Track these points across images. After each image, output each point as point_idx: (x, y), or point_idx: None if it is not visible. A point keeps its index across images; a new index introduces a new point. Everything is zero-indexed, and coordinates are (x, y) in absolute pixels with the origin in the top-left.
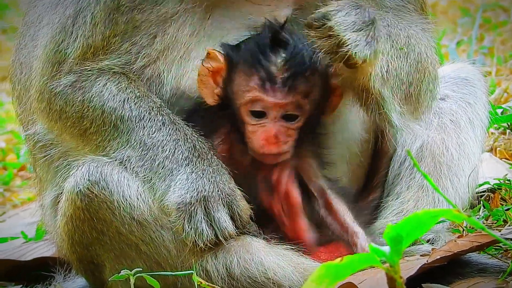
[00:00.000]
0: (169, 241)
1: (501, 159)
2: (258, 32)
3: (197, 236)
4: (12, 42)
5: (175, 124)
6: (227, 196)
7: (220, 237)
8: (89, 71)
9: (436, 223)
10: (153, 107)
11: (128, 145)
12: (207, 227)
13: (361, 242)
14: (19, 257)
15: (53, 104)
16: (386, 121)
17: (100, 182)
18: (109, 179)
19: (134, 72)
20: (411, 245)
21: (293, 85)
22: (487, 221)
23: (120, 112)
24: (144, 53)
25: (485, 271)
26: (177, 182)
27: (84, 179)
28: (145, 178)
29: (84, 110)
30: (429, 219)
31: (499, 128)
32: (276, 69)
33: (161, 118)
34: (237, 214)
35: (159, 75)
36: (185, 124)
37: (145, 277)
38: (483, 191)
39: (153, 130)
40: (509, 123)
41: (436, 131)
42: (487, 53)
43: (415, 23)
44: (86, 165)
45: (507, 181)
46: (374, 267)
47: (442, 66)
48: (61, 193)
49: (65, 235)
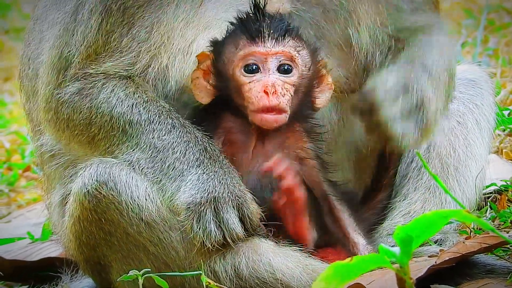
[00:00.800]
0: (177, 242)
1: (507, 160)
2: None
3: (205, 236)
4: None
5: (185, 127)
6: (237, 198)
7: (228, 239)
8: (94, 76)
9: (445, 224)
10: (162, 111)
11: (137, 148)
12: (215, 228)
13: (361, 253)
14: (25, 257)
15: (60, 113)
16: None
17: (108, 182)
18: (117, 180)
19: (139, 74)
20: (420, 246)
21: (282, 37)
22: (494, 222)
23: (129, 116)
24: (144, 48)
25: (493, 272)
26: (187, 182)
27: (92, 179)
28: (154, 179)
29: (92, 116)
30: (439, 220)
31: (506, 130)
32: (263, 27)
33: (170, 121)
34: (247, 216)
35: (163, 71)
36: (194, 127)
37: (154, 277)
38: (490, 193)
39: (163, 132)
40: None
41: (443, 132)
42: (492, 55)
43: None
44: (94, 166)
45: None
46: (382, 268)
47: None
48: (69, 194)
49: (72, 236)
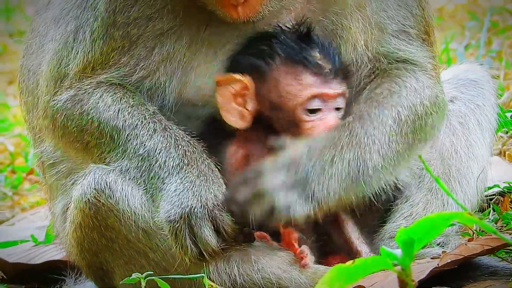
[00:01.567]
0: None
1: (510, 162)
2: (269, 33)
3: (183, 252)
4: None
5: (166, 130)
6: (210, 211)
7: (204, 253)
8: (87, 84)
9: (447, 226)
10: (145, 115)
11: (126, 156)
12: (191, 244)
13: None
14: (29, 260)
15: (56, 120)
16: None
17: (105, 190)
18: (114, 188)
19: (131, 83)
20: (422, 248)
21: (342, 74)
22: (496, 224)
23: (114, 122)
24: (142, 65)
25: (495, 274)
26: (166, 192)
27: (90, 188)
28: (145, 189)
29: (83, 123)
30: (441, 222)
31: (508, 132)
32: (322, 62)
33: (152, 125)
34: (221, 228)
35: (160, 85)
36: (177, 128)
37: (156, 280)
38: (493, 195)
39: (145, 138)
40: None
41: (444, 133)
42: (496, 57)
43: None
44: (91, 174)
45: None
46: (384, 270)
47: (450, 67)
48: (70, 201)
49: (74, 242)
